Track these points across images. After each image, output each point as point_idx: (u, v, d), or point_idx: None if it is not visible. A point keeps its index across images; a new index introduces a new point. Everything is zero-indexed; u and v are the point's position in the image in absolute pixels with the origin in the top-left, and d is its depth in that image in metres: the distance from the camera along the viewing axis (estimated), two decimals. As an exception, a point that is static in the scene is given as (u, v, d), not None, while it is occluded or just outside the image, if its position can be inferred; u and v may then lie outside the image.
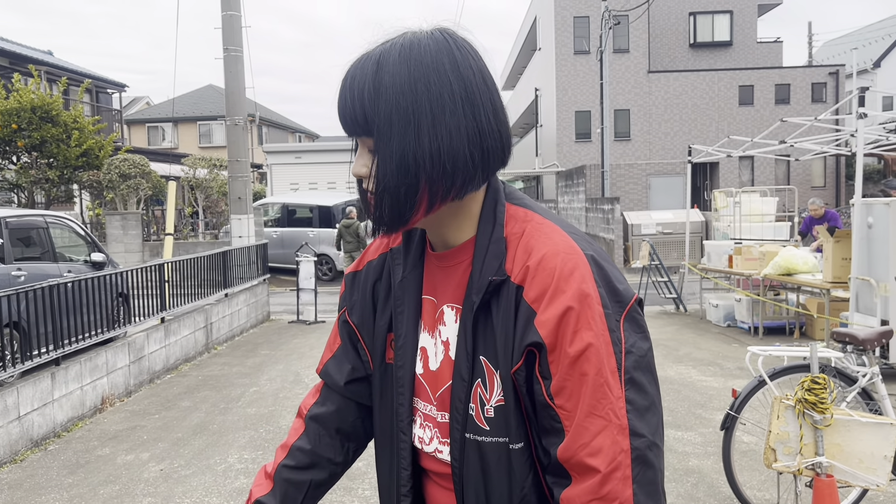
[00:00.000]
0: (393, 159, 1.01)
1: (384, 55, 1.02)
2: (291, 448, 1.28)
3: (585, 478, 0.96)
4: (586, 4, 26.07)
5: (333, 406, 1.28)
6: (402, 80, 1.00)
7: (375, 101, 1.00)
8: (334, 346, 1.31)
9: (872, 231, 6.49)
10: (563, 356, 0.97)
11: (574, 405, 0.97)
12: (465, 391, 1.06)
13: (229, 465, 4.76)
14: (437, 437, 1.13)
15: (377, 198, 1.04)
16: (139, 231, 16.08)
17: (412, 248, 1.19)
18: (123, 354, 6.55)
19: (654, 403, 1.00)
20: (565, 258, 1.00)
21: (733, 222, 10.75)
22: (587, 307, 0.97)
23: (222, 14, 11.42)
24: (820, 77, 26.31)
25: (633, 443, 0.96)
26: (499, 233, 1.07)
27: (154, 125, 36.72)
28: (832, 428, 2.97)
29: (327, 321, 10.79)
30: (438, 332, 1.14)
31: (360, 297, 1.26)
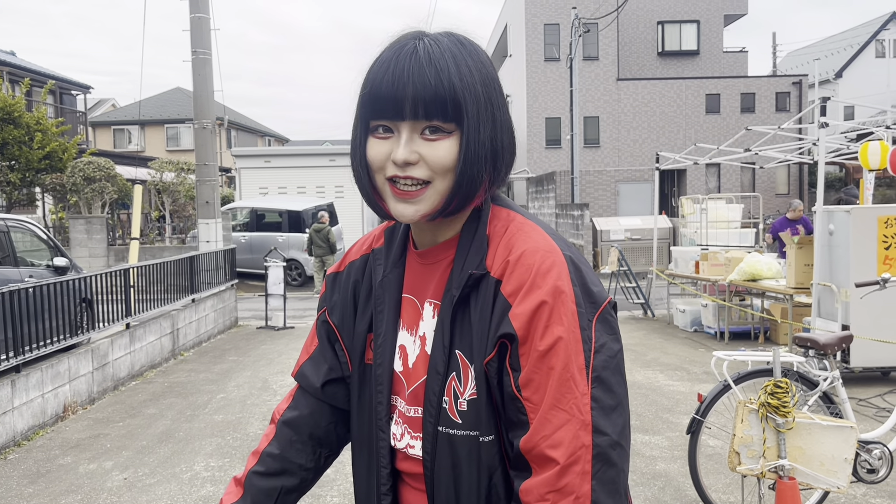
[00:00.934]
0: (485, 146, 1.05)
1: (438, 43, 1.04)
2: (262, 454, 1.27)
3: (544, 469, 0.97)
4: (556, 12, 26.31)
5: (307, 410, 1.28)
6: (476, 70, 1.04)
7: (462, 86, 1.02)
8: (311, 347, 1.30)
9: (834, 238, 6.63)
10: (533, 349, 0.99)
11: (540, 398, 0.98)
12: (440, 385, 1.07)
13: (195, 472, 4.69)
14: (408, 433, 1.14)
15: (459, 182, 1.04)
16: (104, 235, 15.83)
17: (394, 247, 1.20)
18: (87, 361, 6.43)
19: (620, 404, 1.02)
20: (544, 255, 1.03)
21: (700, 228, 10.90)
22: (560, 303, 0.99)
23: (191, 16, 11.31)
24: (784, 87, 26.85)
25: (596, 440, 0.97)
26: (482, 230, 1.09)
27: (120, 128, 36.18)
28: (794, 431, 3.02)
29: (296, 327, 10.71)
30: (416, 328, 1.15)
31: (341, 298, 1.26)
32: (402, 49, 1.03)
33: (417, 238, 1.18)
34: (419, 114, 1.01)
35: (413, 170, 1.03)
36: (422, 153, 1.03)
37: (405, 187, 1.04)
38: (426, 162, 1.03)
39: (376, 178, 1.08)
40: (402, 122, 1.02)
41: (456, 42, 1.05)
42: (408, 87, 1.00)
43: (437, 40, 1.04)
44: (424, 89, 1.00)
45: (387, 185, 1.06)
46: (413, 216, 1.05)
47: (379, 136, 1.05)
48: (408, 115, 1.01)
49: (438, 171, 1.03)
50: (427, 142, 1.03)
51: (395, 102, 1.01)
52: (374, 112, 1.04)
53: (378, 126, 1.05)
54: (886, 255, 6.33)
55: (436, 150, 1.02)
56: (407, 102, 1.01)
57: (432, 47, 1.03)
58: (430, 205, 1.05)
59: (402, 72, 1.01)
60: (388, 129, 1.04)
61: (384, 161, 1.05)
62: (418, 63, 1.01)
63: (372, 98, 1.03)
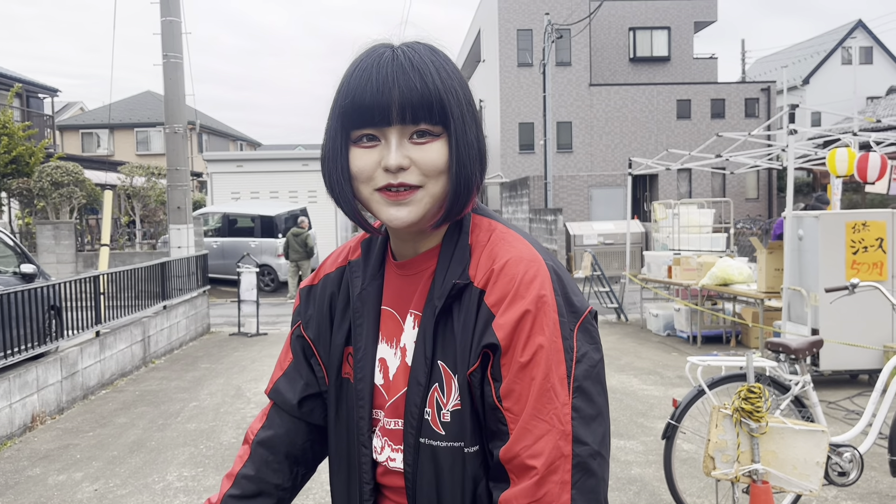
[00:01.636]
0: (473, 145, 1.05)
1: (414, 50, 1.04)
2: (237, 476, 1.24)
3: (523, 479, 0.97)
4: (529, 18, 26.47)
5: (282, 429, 1.25)
6: (453, 73, 1.05)
7: (445, 88, 1.02)
8: (285, 363, 1.28)
9: (803, 243, 6.74)
10: (515, 359, 0.99)
11: (521, 408, 0.98)
12: (422, 396, 1.06)
13: (168, 483, 4.62)
14: (388, 445, 1.13)
15: (456, 186, 1.04)
16: (72, 241, 15.55)
17: (371, 259, 1.19)
18: (55, 370, 6.31)
19: (601, 413, 1.02)
20: (528, 265, 1.02)
21: (672, 233, 11.02)
22: (543, 313, 0.99)
23: (161, 20, 11.18)
24: (753, 93, 27.28)
25: (576, 449, 0.97)
26: (464, 240, 1.09)
27: (88, 131, 35.64)
28: (767, 436, 3.06)
29: (269, 333, 10.62)
30: (396, 340, 1.14)
31: (317, 311, 1.24)
32: (381, 56, 1.02)
33: (397, 249, 1.17)
34: (407, 118, 1.00)
35: (405, 176, 1.02)
36: (413, 157, 1.02)
37: (397, 190, 1.03)
38: (418, 166, 1.02)
39: (362, 189, 1.06)
40: (390, 127, 1.01)
41: (429, 49, 1.06)
42: (393, 92, 0.99)
43: (413, 47, 1.04)
44: (411, 93, 0.99)
45: (375, 194, 1.04)
46: (406, 218, 1.03)
47: (363, 145, 1.04)
48: (395, 119, 1.00)
49: (431, 175, 1.03)
50: (417, 146, 1.02)
51: (381, 109, 1.00)
52: (358, 121, 1.02)
53: (362, 136, 1.03)
54: (854, 260, 6.45)
55: (427, 153, 1.02)
56: (394, 107, 1.00)
57: (411, 53, 1.03)
58: (422, 207, 1.04)
59: (385, 77, 1.00)
60: (372, 137, 1.03)
61: (373, 171, 1.03)
62: (401, 68, 1.00)
63: (355, 107, 1.02)
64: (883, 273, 6.43)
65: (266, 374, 7.75)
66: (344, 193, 1.07)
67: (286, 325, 11.94)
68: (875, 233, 6.44)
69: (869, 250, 6.45)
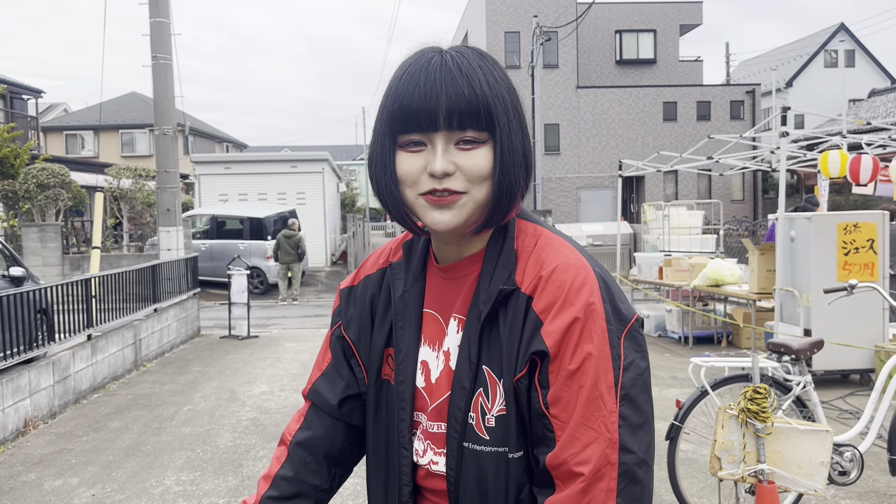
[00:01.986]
0: (518, 152, 1.05)
1: (463, 55, 1.04)
2: (275, 478, 1.23)
3: (569, 486, 0.98)
4: (517, 20, 26.53)
5: (321, 430, 1.25)
6: (501, 79, 1.05)
7: (493, 95, 1.02)
8: (324, 363, 1.28)
9: (795, 244, 6.80)
10: (563, 367, 0.99)
11: (568, 416, 0.99)
12: (466, 400, 1.07)
13: (166, 487, 4.59)
14: (431, 449, 1.13)
15: (498, 191, 1.04)
16: (58, 244, 15.42)
17: (413, 262, 1.19)
18: (48, 374, 6.24)
19: (647, 422, 1.02)
20: (576, 272, 1.03)
21: (662, 234, 11.08)
22: (592, 321, 1.00)
23: (150, 20, 11.10)
24: (738, 95, 27.49)
25: (622, 458, 0.98)
26: (510, 245, 1.09)
27: (73, 133, 35.31)
28: (773, 436, 3.08)
29: (260, 336, 10.57)
30: (439, 343, 1.14)
31: (357, 312, 1.24)
32: (430, 62, 1.03)
33: (440, 253, 1.16)
34: (453, 124, 1.01)
35: (450, 181, 1.02)
36: (458, 164, 1.02)
37: (441, 195, 1.03)
38: (463, 172, 1.03)
39: (407, 193, 1.06)
40: (436, 133, 1.02)
41: (478, 54, 1.06)
42: (441, 98, 1.00)
43: (461, 52, 1.05)
44: (458, 99, 1.00)
45: (419, 198, 1.05)
46: (450, 222, 1.04)
47: (410, 150, 1.04)
48: (442, 125, 1.01)
49: (475, 181, 1.03)
50: (462, 152, 1.03)
51: (428, 114, 1.01)
52: (405, 126, 1.03)
53: (409, 140, 1.04)
54: (846, 261, 6.51)
55: (472, 159, 1.02)
56: (441, 113, 1.00)
57: (459, 59, 1.03)
58: (466, 212, 1.04)
59: (433, 83, 1.00)
60: (419, 142, 1.03)
61: (419, 175, 1.04)
62: (449, 74, 1.01)
63: (403, 112, 1.02)
64: (874, 274, 6.50)
65: (259, 377, 7.71)
66: (392, 196, 1.07)
67: (277, 327, 11.90)
68: (866, 234, 6.51)
69: (860, 251, 6.52)
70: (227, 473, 4.80)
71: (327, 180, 21.45)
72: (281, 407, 6.46)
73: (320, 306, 15.17)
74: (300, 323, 12.69)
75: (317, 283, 18.23)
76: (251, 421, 6.03)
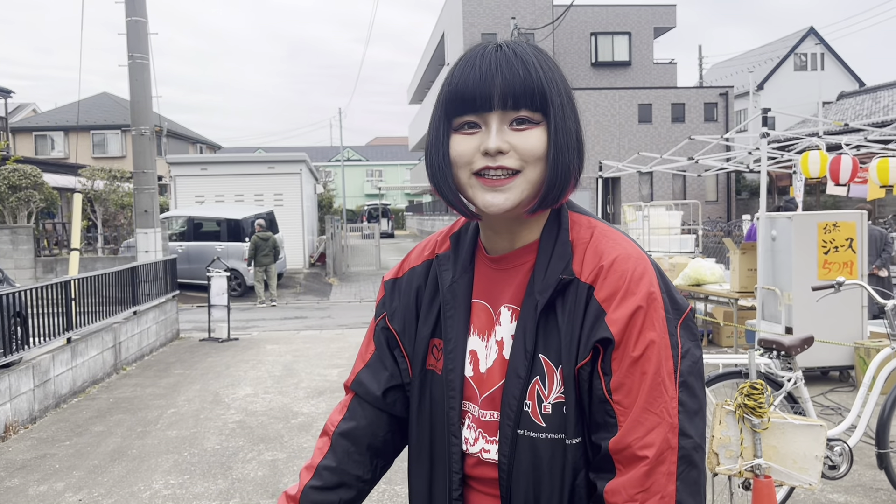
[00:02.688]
0: (571, 135, 1.07)
1: (518, 44, 1.07)
2: (318, 468, 1.24)
3: (631, 469, 1.00)
4: (494, 21, 26.62)
5: (365, 420, 1.26)
6: (555, 68, 1.08)
7: (548, 78, 1.04)
8: (367, 355, 1.29)
9: (776, 243, 6.89)
10: (627, 354, 1.02)
11: (631, 401, 1.01)
12: (521, 389, 1.08)
13: (155, 491, 4.53)
14: (483, 437, 1.14)
15: (553, 171, 1.05)
16: (31, 246, 15.16)
17: (461, 253, 1.20)
18: (27, 378, 6.13)
19: (702, 408, 1.05)
20: (636, 262, 1.06)
21: (642, 235, 11.18)
22: (654, 309, 1.03)
23: (127, 19, 10.96)
24: (712, 97, 27.83)
25: (681, 442, 1.01)
26: (564, 236, 1.11)
27: (42, 133, 34.73)
28: (769, 431, 3.12)
29: (241, 338, 10.48)
30: (492, 332, 1.15)
31: (402, 304, 1.26)
32: (485, 49, 1.07)
33: (491, 244, 1.18)
34: (508, 104, 1.03)
35: (504, 159, 1.04)
36: (512, 143, 1.04)
37: (495, 175, 1.05)
38: (517, 151, 1.04)
39: (460, 174, 1.08)
40: (491, 112, 1.04)
41: (533, 46, 1.10)
42: (496, 78, 1.03)
43: (518, 42, 1.09)
44: (514, 78, 1.03)
45: (473, 178, 1.07)
46: (503, 204, 1.05)
47: (465, 132, 1.07)
48: (496, 104, 1.03)
49: (529, 160, 1.05)
50: (516, 132, 1.05)
51: (483, 95, 1.03)
52: (461, 107, 1.05)
53: (464, 123, 1.06)
54: (826, 260, 6.62)
55: (527, 139, 1.05)
56: (496, 93, 1.03)
57: (515, 46, 1.07)
58: (519, 193, 1.06)
59: (489, 65, 1.04)
60: (473, 124, 1.06)
61: (472, 155, 1.06)
62: (505, 57, 1.05)
63: (458, 93, 1.05)
64: (853, 272, 6.62)
65: (242, 379, 7.64)
66: (445, 179, 1.09)
67: (257, 330, 11.80)
68: (845, 233, 6.63)
69: (840, 250, 6.63)
70: (216, 476, 4.75)
71: (305, 181, 21.33)
72: (266, 409, 6.41)
73: (300, 308, 15.08)
74: (280, 325, 12.60)
75: (295, 286, 18.11)
76: (237, 423, 5.97)
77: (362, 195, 59.22)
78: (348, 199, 42.02)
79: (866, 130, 8.85)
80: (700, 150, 10.68)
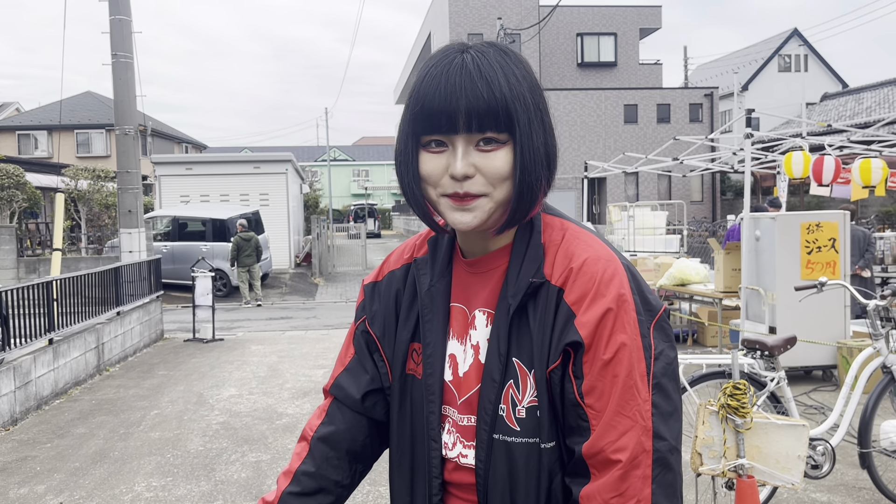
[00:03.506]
0: (539, 151, 1.05)
1: (484, 55, 1.04)
2: (296, 473, 1.23)
3: (605, 473, 0.99)
4: (480, 22, 26.64)
5: (344, 425, 1.25)
6: (523, 78, 1.05)
7: (513, 96, 1.02)
8: (346, 358, 1.28)
9: (760, 243, 6.93)
10: (598, 357, 1.01)
11: (603, 405, 1.00)
12: (496, 392, 1.08)
13: (137, 493, 4.49)
14: (460, 442, 1.14)
15: (519, 191, 1.04)
16: (13, 246, 15.01)
17: (439, 256, 1.19)
18: (8, 380, 6.06)
19: (676, 410, 1.04)
20: (606, 264, 1.04)
21: (627, 235, 11.22)
22: (624, 311, 1.01)
23: (110, 18, 10.87)
24: (696, 98, 27.99)
25: (656, 445, 1.00)
26: (537, 239, 1.10)
27: (25, 133, 34.40)
28: (752, 431, 3.13)
29: (226, 339, 10.41)
30: (468, 337, 1.14)
31: (382, 307, 1.25)
32: (451, 63, 1.03)
33: (466, 247, 1.17)
34: (473, 126, 1.02)
35: (470, 184, 1.04)
36: (478, 165, 1.03)
37: (462, 198, 1.05)
38: (483, 174, 1.04)
39: (430, 192, 1.08)
40: (457, 135, 1.03)
41: (500, 52, 1.07)
42: (461, 101, 1.01)
43: (483, 52, 1.05)
44: (477, 102, 1.01)
45: (442, 198, 1.07)
46: (471, 223, 1.05)
47: (432, 150, 1.06)
48: (461, 128, 1.02)
49: (496, 182, 1.04)
50: (482, 153, 1.04)
51: (448, 117, 1.01)
52: (427, 127, 1.04)
53: (431, 141, 1.05)
54: (809, 260, 6.66)
55: (492, 161, 1.03)
56: (460, 116, 1.01)
57: (480, 59, 1.03)
58: (486, 213, 1.05)
59: (453, 86, 1.01)
60: (440, 143, 1.05)
61: (440, 176, 1.05)
62: (469, 77, 1.01)
63: (425, 113, 1.03)
64: (836, 272, 6.66)
65: (227, 380, 7.59)
66: (415, 196, 1.09)
67: (242, 330, 11.74)
68: (828, 233, 6.67)
69: (822, 250, 6.67)
70: (199, 478, 4.72)
71: (291, 181, 21.25)
72: (251, 410, 6.37)
73: (285, 308, 15.01)
74: (265, 325, 12.54)
75: (281, 286, 18.04)
76: (221, 425, 5.93)
77: (349, 195, 59.05)
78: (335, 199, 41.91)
79: (849, 131, 8.92)
80: (685, 150, 10.73)
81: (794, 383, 6.72)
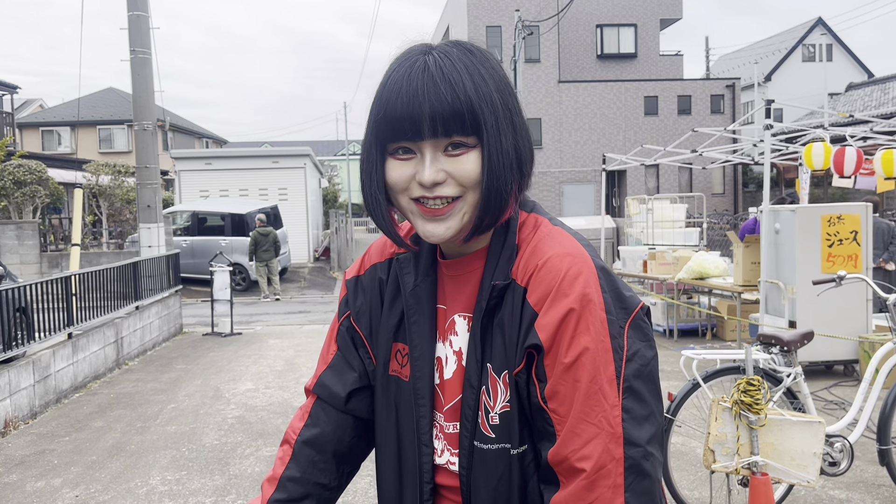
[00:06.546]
0: (508, 154, 1.01)
1: (447, 55, 0.99)
2: (281, 479, 1.19)
3: (572, 482, 0.95)
4: (498, 14, 26.49)
5: (329, 426, 1.21)
6: (489, 77, 1.00)
7: (479, 97, 0.98)
8: (329, 356, 1.24)
9: (780, 236, 6.83)
10: (559, 360, 0.96)
11: (566, 410, 0.96)
12: (475, 399, 1.05)
13: (151, 487, 4.52)
14: (447, 449, 1.11)
15: (486, 197, 1.00)
16: (36, 241, 15.19)
17: (422, 256, 1.15)
18: (28, 374, 6.13)
19: (652, 413, 0.99)
20: (572, 261, 0.99)
21: (646, 228, 11.10)
22: (588, 312, 0.96)
23: (129, 14, 10.93)
24: (718, 89, 27.66)
25: (627, 451, 0.95)
26: (512, 240, 1.06)
27: (49, 129, 34.79)
28: (766, 428, 3.08)
29: (244, 333, 10.47)
30: (450, 342, 1.11)
31: (367, 302, 1.21)
32: (413, 66, 0.99)
33: (444, 248, 1.14)
34: (438, 131, 0.98)
35: (441, 189, 1.00)
36: (448, 170, 1.00)
37: (434, 205, 1.01)
38: (454, 178, 1.00)
39: (400, 199, 1.04)
40: (423, 141, 0.99)
41: (465, 51, 1.02)
42: (424, 106, 0.97)
43: (447, 52, 1.01)
44: (441, 105, 0.97)
45: (413, 204, 1.03)
46: (444, 235, 1.02)
47: (399, 157, 1.02)
48: (427, 133, 0.98)
49: (468, 185, 1.01)
50: (451, 158, 1.00)
51: (412, 122, 0.98)
52: (392, 134, 1.00)
53: (398, 148, 1.01)
54: (830, 253, 6.55)
55: (462, 165, 1.00)
56: (425, 121, 0.97)
57: (443, 61, 0.99)
58: (460, 220, 1.02)
59: (416, 91, 0.97)
60: (408, 150, 1.01)
61: (408, 182, 1.02)
62: (432, 80, 0.97)
63: (388, 121, 0.99)
64: (858, 265, 6.55)
65: (244, 374, 7.63)
66: (378, 207, 1.05)
67: (260, 324, 11.80)
68: (850, 226, 6.55)
69: (844, 243, 6.56)
70: (213, 472, 4.74)
71: (309, 176, 21.32)
72: (266, 404, 6.39)
73: (304, 302, 15.08)
74: (284, 319, 12.60)
75: (300, 280, 18.12)
76: (237, 419, 5.96)
77: (368, 189, 59.07)
78: (354, 193, 41.98)
79: (872, 122, 8.75)
80: (708, 142, 10.59)
81: (815, 378, 6.62)
